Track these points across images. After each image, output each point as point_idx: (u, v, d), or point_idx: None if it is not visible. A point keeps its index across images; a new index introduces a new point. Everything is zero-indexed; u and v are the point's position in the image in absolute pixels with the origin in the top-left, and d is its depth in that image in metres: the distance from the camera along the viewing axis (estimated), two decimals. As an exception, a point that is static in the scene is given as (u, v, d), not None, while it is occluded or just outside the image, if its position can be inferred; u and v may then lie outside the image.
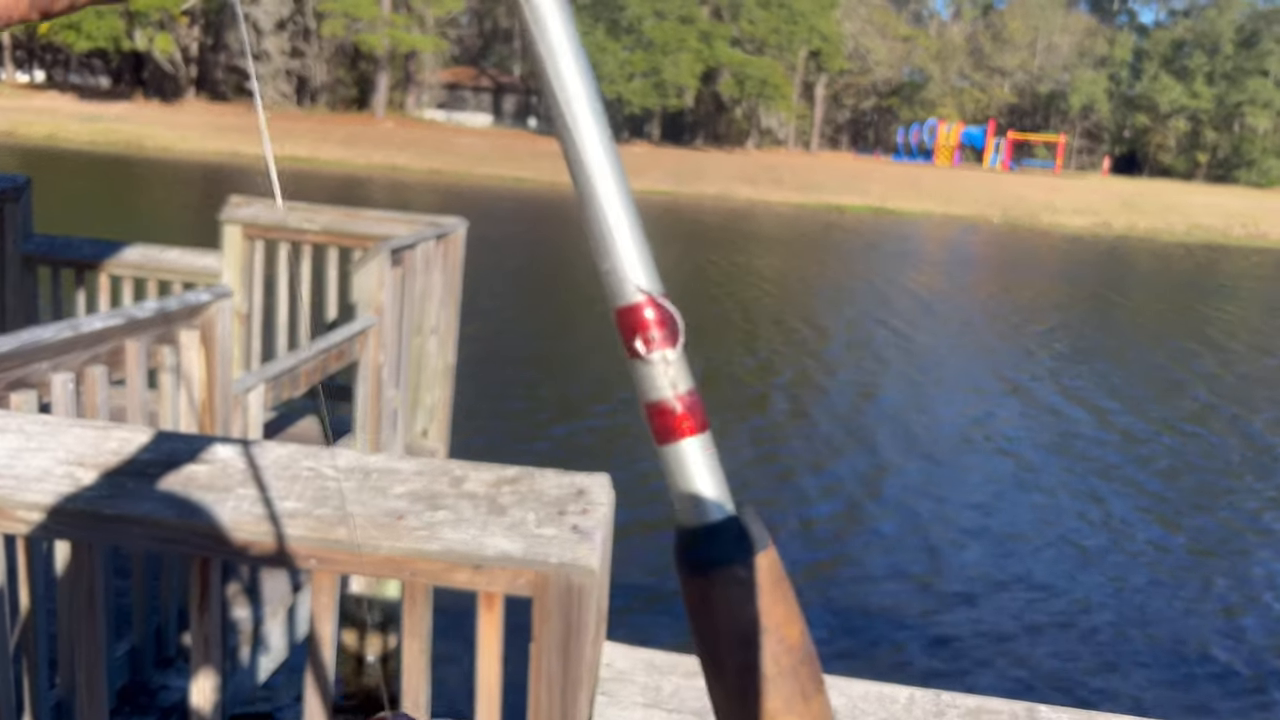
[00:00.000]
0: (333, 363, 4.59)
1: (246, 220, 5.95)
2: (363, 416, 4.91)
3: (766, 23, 51.12)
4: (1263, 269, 26.44)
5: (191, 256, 6.15)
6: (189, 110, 51.51)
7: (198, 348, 3.46)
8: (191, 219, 19.94)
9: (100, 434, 2.20)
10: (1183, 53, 59.89)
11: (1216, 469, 8.86)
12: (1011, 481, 8.15)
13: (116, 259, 6.01)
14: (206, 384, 3.54)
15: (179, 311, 3.38)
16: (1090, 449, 9.18)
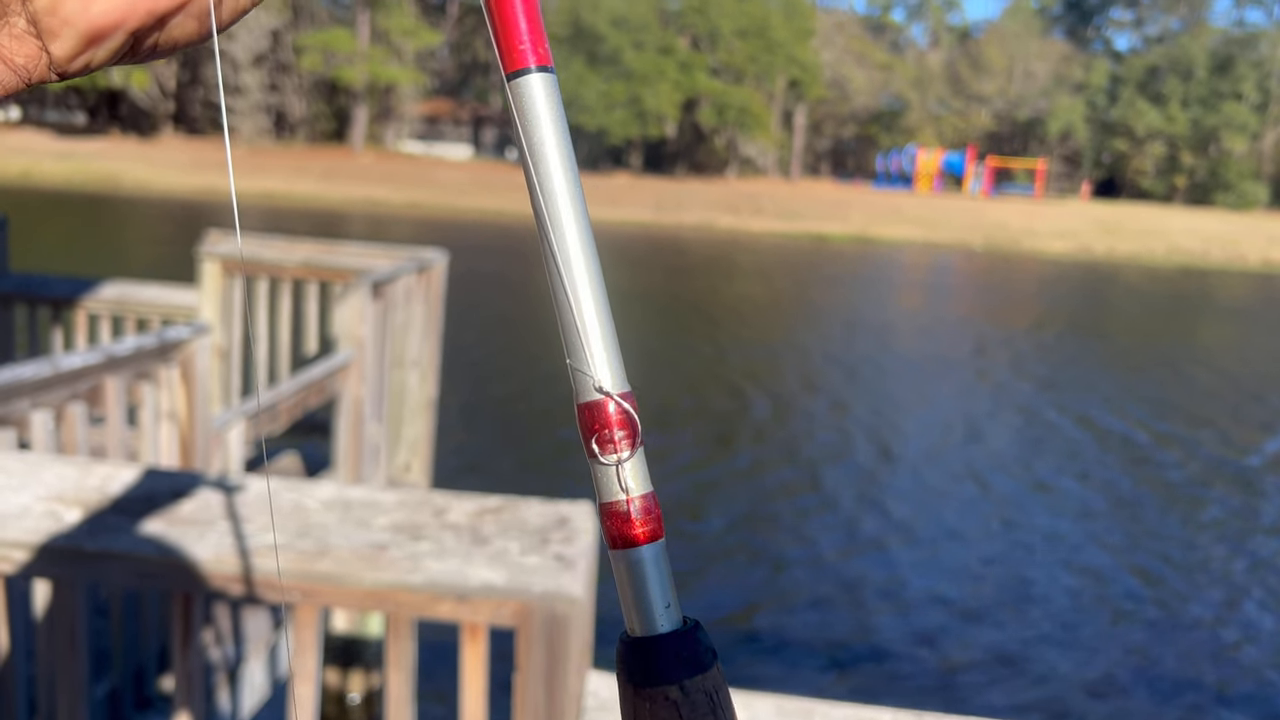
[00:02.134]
0: (313, 398, 4.58)
1: (225, 255, 5.94)
2: (343, 452, 4.89)
3: (745, 52, 51.75)
4: (1245, 291, 26.84)
5: (169, 292, 6.13)
6: (166, 146, 51.48)
7: (177, 384, 3.45)
8: (168, 254, 19.88)
9: (82, 470, 2.19)
10: (1157, 78, 61.00)
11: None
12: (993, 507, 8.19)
13: (94, 296, 5.98)
14: (187, 421, 3.53)
15: (158, 348, 3.37)
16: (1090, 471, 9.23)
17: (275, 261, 5.85)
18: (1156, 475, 9.28)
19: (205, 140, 55.06)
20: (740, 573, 6.56)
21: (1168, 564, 7.14)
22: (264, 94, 53.84)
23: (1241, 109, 59.24)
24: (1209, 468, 9.56)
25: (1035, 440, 10.20)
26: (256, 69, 52.92)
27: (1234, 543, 7.65)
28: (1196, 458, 9.81)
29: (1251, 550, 7.53)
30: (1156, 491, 8.79)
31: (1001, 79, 64.97)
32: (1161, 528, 7.90)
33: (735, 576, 6.51)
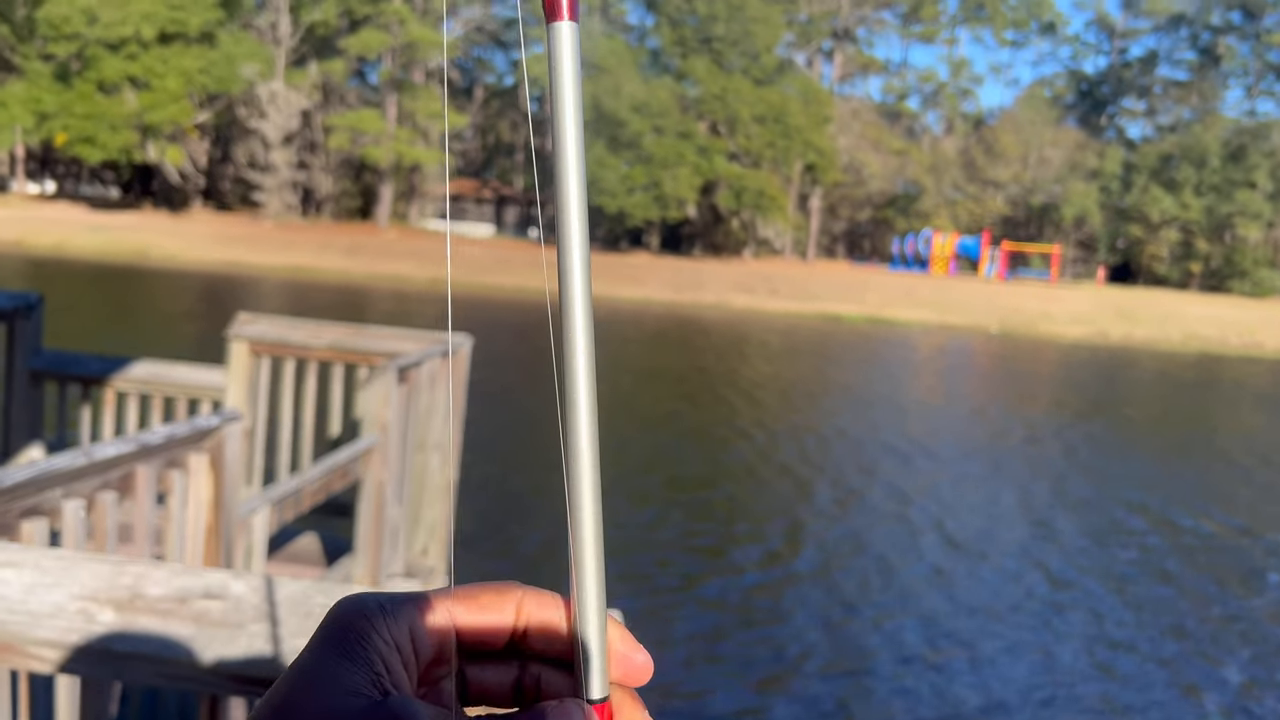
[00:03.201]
0: (336, 482, 4.61)
1: (253, 337, 6.05)
2: (364, 536, 4.90)
3: (762, 138, 52.84)
4: (1271, 378, 26.64)
5: (198, 372, 6.22)
6: (195, 220, 52.67)
7: (206, 471, 3.49)
8: (190, 327, 20.16)
9: (115, 569, 2.21)
10: (1171, 166, 61.72)
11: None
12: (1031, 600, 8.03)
13: (124, 375, 6.08)
14: (213, 507, 3.56)
15: (189, 436, 3.42)
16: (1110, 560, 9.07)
17: (303, 344, 5.95)
18: (1236, 571, 9.11)
19: (233, 215, 56.33)
20: (828, 684, 6.36)
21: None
22: (292, 171, 55.23)
23: (1256, 197, 59.69)
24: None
25: (1102, 534, 10.03)
26: (286, 147, 54.40)
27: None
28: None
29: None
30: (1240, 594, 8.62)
31: (1016, 165, 65.90)
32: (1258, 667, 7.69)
33: (821, 685, 6.32)
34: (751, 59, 54.40)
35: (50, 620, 2.00)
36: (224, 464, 3.47)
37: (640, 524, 9.09)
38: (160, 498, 3.35)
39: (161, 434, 3.32)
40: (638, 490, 10.15)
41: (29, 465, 2.75)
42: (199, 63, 50.96)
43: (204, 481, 3.46)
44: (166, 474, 3.30)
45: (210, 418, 3.58)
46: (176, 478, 3.29)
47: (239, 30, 53.85)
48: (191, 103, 52.57)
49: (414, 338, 6.15)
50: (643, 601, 7.20)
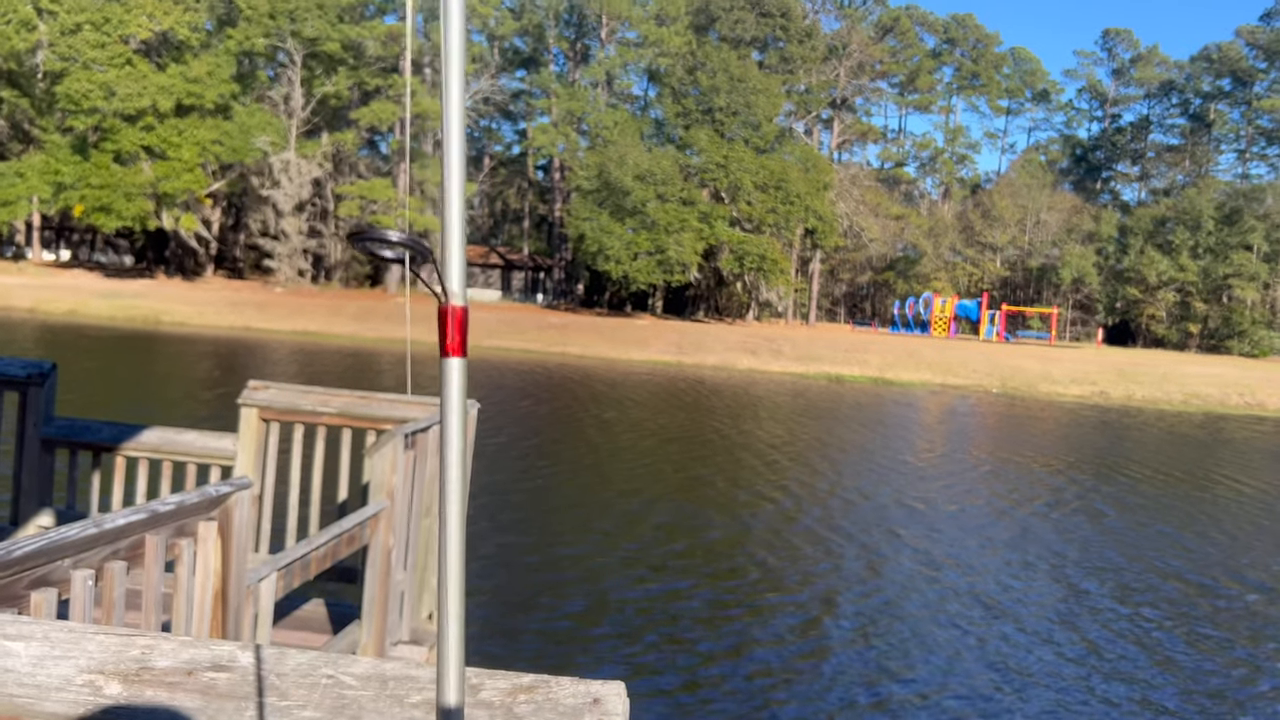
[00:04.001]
0: (344, 548, 4.62)
1: (263, 404, 6.10)
2: (370, 601, 4.89)
3: (764, 204, 53.59)
4: (1266, 435, 26.50)
5: (208, 439, 6.27)
6: (208, 287, 53.25)
7: (215, 539, 3.52)
8: (201, 392, 20.26)
9: (123, 641, 2.23)
10: (1166, 229, 62.35)
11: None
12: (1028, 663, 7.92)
13: (134, 442, 6.12)
14: (221, 574, 3.58)
15: (199, 504, 3.45)
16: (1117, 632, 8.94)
17: (312, 410, 6.00)
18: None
19: (244, 281, 56.95)
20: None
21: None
22: (303, 239, 56.00)
23: (1251, 259, 60.16)
24: None
25: (1136, 597, 9.91)
26: (297, 215, 55.24)
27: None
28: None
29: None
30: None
31: (1013, 229, 66.61)
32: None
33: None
34: (752, 128, 55.44)
35: (58, 693, 2.02)
36: (233, 531, 3.50)
37: (669, 593, 8.98)
38: (169, 565, 3.37)
39: (172, 502, 3.36)
40: (664, 560, 10.05)
41: (38, 536, 2.79)
42: (214, 133, 52.06)
43: (213, 549, 3.48)
44: (175, 542, 3.33)
45: (220, 485, 3.62)
46: (185, 545, 3.32)
47: (253, 103, 55.13)
48: (205, 172, 53.57)
49: (422, 404, 6.20)
50: (680, 677, 7.06)
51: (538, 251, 69.95)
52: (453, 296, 0.98)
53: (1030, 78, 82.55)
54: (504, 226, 76.93)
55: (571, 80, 63.23)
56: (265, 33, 52.82)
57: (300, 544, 4.28)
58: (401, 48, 56.22)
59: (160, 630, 3.34)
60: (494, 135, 71.79)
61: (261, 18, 52.52)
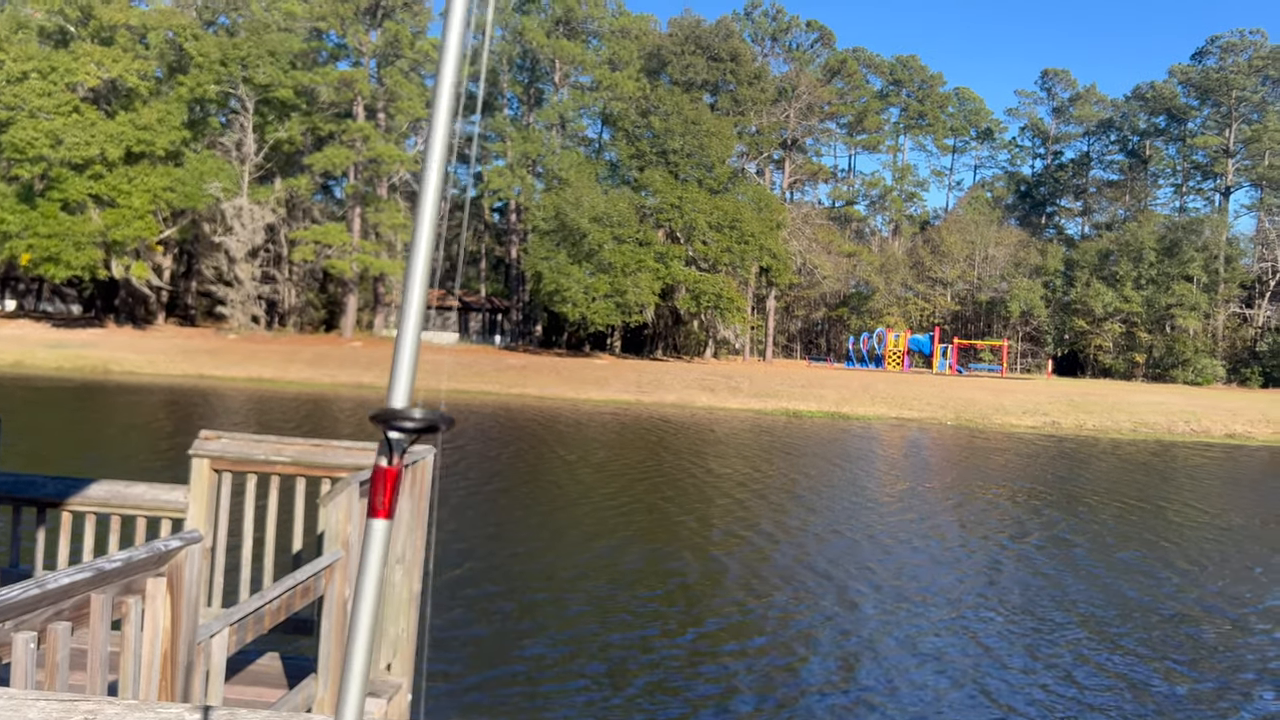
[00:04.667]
0: (298, 600, 4.56)
1: (215, 454, 6.03)
2: (326, 653, 4.82)
3: (719, 243, 54.22)
4: (1216, 461, 27.16)
5: (158, 491, 6.15)
6: (159, 334, 52.33)
7: (164, 596, 3.46)
8: (152, 442, 19.84)
9: (66, 707, 2.20)
10: (1110, 261, 64.12)
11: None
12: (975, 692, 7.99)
13: (81, 496, 6.00)
14: (170, 632, 3.52)
15: (147, 560, 3.40)
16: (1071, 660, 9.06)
17: (266, 460, 5.94)
18: None
19: (197, 329, 56.09)
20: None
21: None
22: (257, 285, 55.38)
23: (1192, 290, 62.04)
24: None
25: (1127, 631, 10.03)
26: (250, 261, 54.67)
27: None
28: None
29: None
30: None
31: (962, 264, 68.05)
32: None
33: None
34: (706, 169, 56.25)
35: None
36: (183, 587, 3.45)
37: (649, 638, 8.88)
38: (116, 622, 3.30)
39: (119, 559, 3.30)
40: (642, 604, 9.93)
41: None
42: (165, 180, 51.52)
43: (162, 606, 3.43)
44: (123, 600, 3.27)
45: (169, 540, 3.57)
46: (133, 603, 3.26)
47: (205, 149, 54.72)
48: (157, 219, 52.90)
49: (377, 451, 6.14)
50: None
51: (495, 293, 69.90)
52: (387, 460, 0.95)
53: (974, 117, 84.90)
54: (460, 269, 76.75)
55: (526, 123, 63.73)
56: (217, 79, 52.61)
57: (254, 597, 4.22)
58: (358, 92, 56.31)
59: (107, 691, 3.27)
60: (449, 179, 71.86)
61: (213, 65, 52.35)
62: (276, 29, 55.17)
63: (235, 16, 57.67)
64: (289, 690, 4.92)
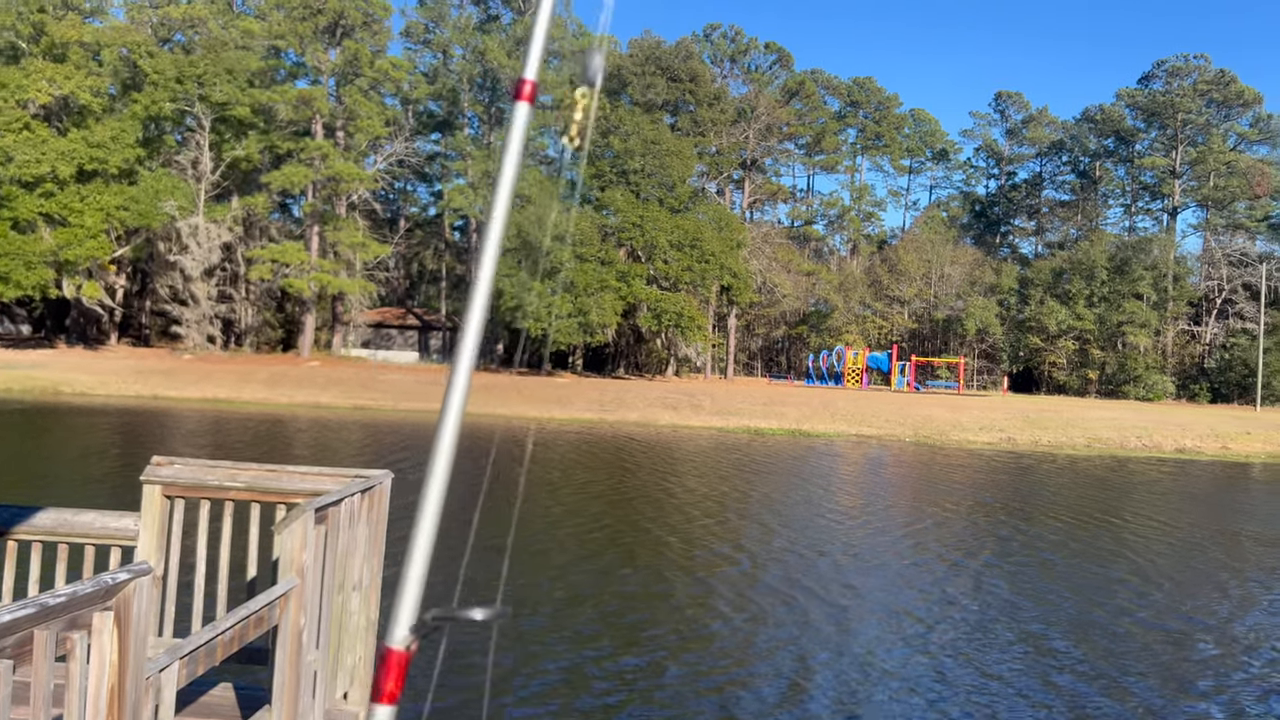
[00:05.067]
0: (251, 630, 4.51)
1: (167, 480, 5.94)
2: (280, 684, 4.76)
3: (680, 262, 54.52)
4: (1170, 476, 27.77)
5: (107, 518, 6.04)
6: (112, 355, 51.31)
7: (111, 630, 3.40)
8: (102, 466, 19.41)
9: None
10: (1063, 280, 65.49)
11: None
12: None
13: (27, 524, 5.87)
14: (118, 667, 3.46)
15: (94, 594, 3.34)
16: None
17: (219, 485, 5.87)
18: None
19: (152, 349, 55.10)
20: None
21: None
22: (213, 304, 54.58)
23: (1142, 307, 63.55)
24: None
25: (1103, 648, 10.16)
26: (206, 280, 53.88)
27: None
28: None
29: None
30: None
31: (919, 282, 69.09)
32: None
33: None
34: (667, 189, 56.63)
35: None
36: (131, 621, 3.39)
37: (645, 665, 8.78)
38: (62, 656, 3.24)
39: (64, 594, 3.25)
40: (634, 629, 9.82)
41: (-74, 634, 2.68)
42: (118, 199, 50.68)
43: (109, 641, 3.37)
44: (68, 635, 3.21)
45: (117, 572, 3.52)
46: (79, 639, 3.20)
47: (160, 167, 53.94)
48: (110, 238, 51.97)
49: (333, 475, 6.11)
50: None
51: (456, 312, 69.56)
52: (395, 639, 0.82)
53: (930, 138, 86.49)
54: (420, 287, 76.37)
55: (487, 142, 63.72)
56: (172, 97, 51.96)
57: (205, 629, 4.16)
58: (313, 114, 55.92)
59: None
60: (409, 197, 71.62)
61: (168, 82, 51.70)
62: (234, 47, 54.67)
63: (192, 34, 57.07)
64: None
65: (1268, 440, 38.01)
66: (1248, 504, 23.17)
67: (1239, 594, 12.88)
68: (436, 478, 0.78)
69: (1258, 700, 8.51)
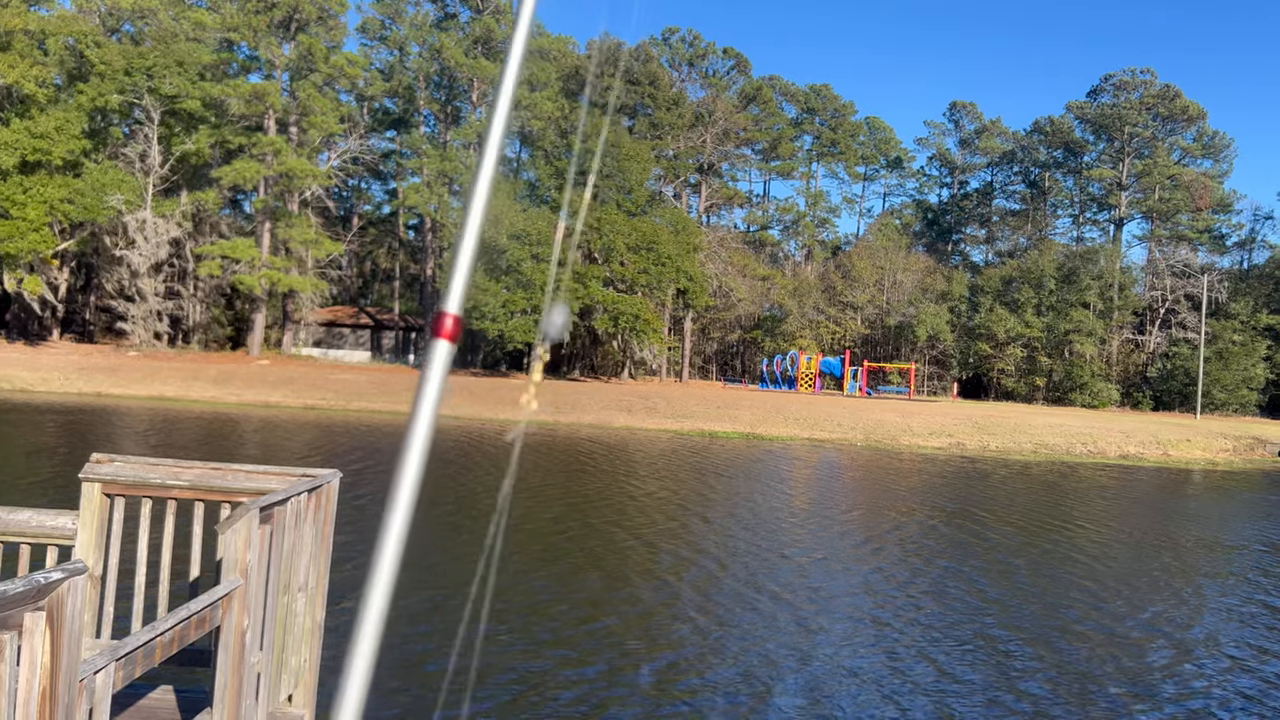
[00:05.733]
0: (193, 631, 4.42)
1: (107, 478, 5.81)
2: (222, 686, 4.67)
3: (637, 265, 54.58)
4: (1117, 482, 28.44)
5: (44, 516, 5.89)
6: (54, 351, 49.95)
7: (43, 631, 3.32)
8: (40, 465, 18.88)
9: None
10: (1012, 288, 66.77)
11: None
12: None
13: (-41, 524, 5.70)
14: (50, 669, 3.37)
15: (24, 594, 3.26)
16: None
17: (161, 484, 5.75)
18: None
19: (96, 346, 53.73)
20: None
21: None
22: (160, 300, 53.38)
23: (1089, 316, 65.00)
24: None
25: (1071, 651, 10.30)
26: (154, 276, 52.69)
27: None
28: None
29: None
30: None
31: (872, 289, 69.93)
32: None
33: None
34: (624, 192, 56.66)
35: None
36: (64, 622, 3.31)
37: (611, 671, 8.69)
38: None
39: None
40: (600, 636, 9.72)
41: None
42: (62, 191, 49.37)
43: (40, 642, 3.28)
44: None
45: (50, 571, 3.43)
46: (9, 640, 3.11)
47: (106, 160, 52.65)
48: (53, 231, 50.60)
49: (279, 473, 6.01)
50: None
51: (409, 311, 68.85)
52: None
53: (885, 145, 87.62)
54: (374, 286, 75.50)
55: (443, 141, 63.22)
56: (120, 89, 50.77)
57: (143, 630, 4.06)
58: (269, 107, 55.04)
59: (-19, 731, 3.12)
60: (363, 195, 70.77)
61: (116, 74, 50.52)
62: (185, 39, 53.60)
63: (141, 25, 55.84)
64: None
65: (1206, 448, 39.12)
66: (1191, 509, 23.81)
67: (1194, 599, 13.22)
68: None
69: (1220, 706, 8.71)
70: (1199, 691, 9.06)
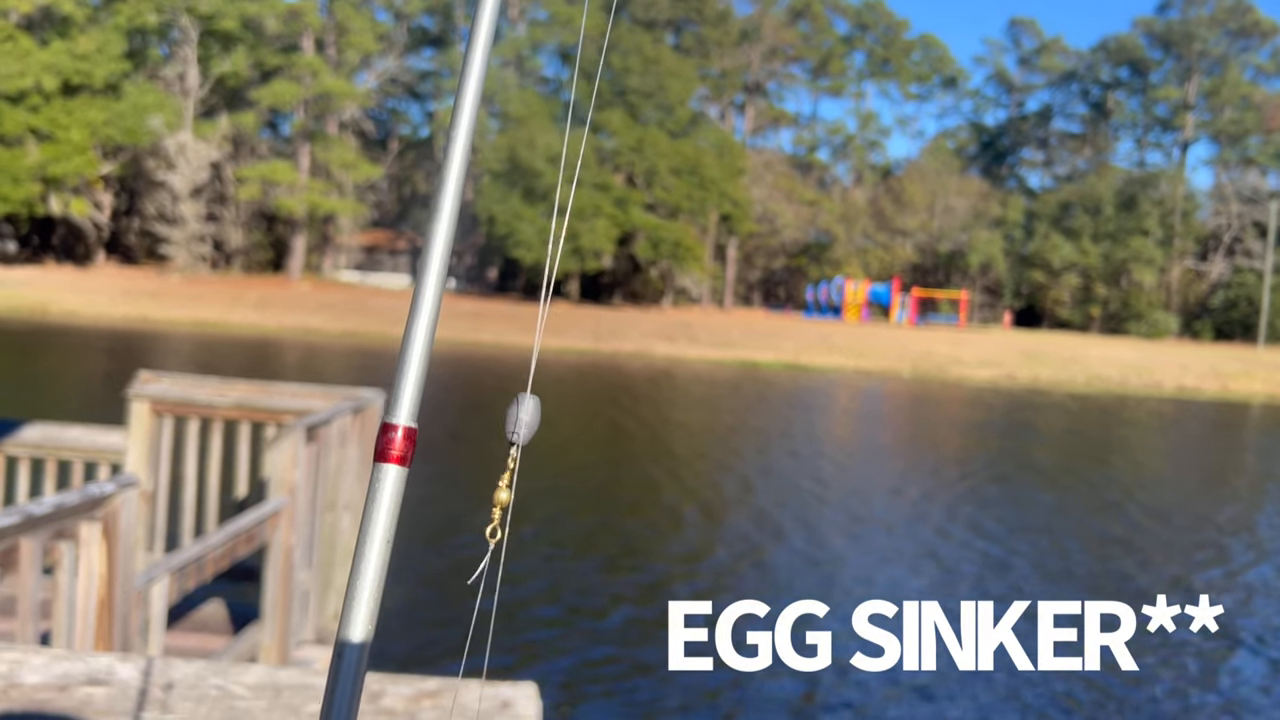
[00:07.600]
0: (241, 547, 4.41)
1: (155, 396, 5.80)
2: (271, 602, 4.69)
3: (679, 189, 53.75)
4: (1171, 416, 27.83)
5: (95, 434, 5.92)
6: (99, 274, 50.83)
7: (99, 542, 3.30)
8: (90, 385, 19.31)
9: (-14, 656, 2.05)
10: (1069, 214, 64.82)
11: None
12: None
13: (14, 439, 5.75)
14: (106, 580, 3.36)
15: (80, 505, 3.23)
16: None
17: (207, 403, 5.73)
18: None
19: (138, 269, 54.53)
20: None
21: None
22: (201, 224, 53.86)
23: (1148, 244, 63.03)
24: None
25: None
26: (194, 200, 53.08)
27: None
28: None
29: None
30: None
31: (923, 214, 68.31)
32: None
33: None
34: (666, 112, 55.48)
35: (-88, 715, 1.84)
36: (119, 533, 3.28)
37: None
38: (49, 569, 3.15)
39: (49, 503, 3.13)
40: (662, 580, 9.65)
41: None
42: (104, 114, 49.55)
43: (96, 553, 3.26)
44: (55, 545, 3.11)
45: (104, 484, 3.40)
46: (66, 549, 3.10)
47: (145, 82, 52.62)
48: (97, 154, 50.98)
49: (323, 394, 5.97)
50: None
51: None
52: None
53: (939, 64, 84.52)
54: (412, 210, 75.42)
55: (483, 61, 62.15)
56: (157, 8, 50.44)
57: (195, 544, 4.07)
58: (306, 27, 54.45)
59: (39, 640, 3.12)
60: (401, 117, 70.20)
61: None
62: (222, -45, 52.87)
63: (178, -59, 55.14)
64: (234, 637, 4.79)
65: (1267, 380, 38.08)
66: (1265, 445, 23.24)
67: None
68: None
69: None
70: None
